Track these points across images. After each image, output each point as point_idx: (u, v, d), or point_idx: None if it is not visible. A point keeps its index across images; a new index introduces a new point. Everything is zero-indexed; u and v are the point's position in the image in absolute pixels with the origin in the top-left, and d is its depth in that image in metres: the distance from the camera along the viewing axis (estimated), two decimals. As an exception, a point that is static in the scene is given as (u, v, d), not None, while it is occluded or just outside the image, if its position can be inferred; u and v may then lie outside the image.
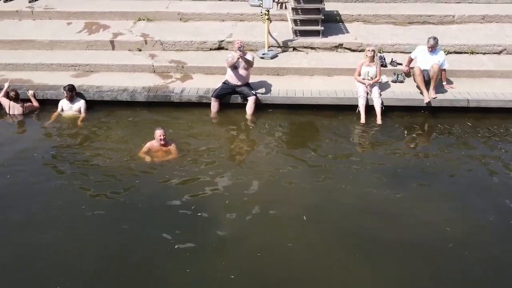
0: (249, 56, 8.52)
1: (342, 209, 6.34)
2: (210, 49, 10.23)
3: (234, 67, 8.51)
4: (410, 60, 9.08)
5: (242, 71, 8.56)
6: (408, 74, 9.26)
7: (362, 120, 8.43)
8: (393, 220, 6.15)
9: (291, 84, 9.25)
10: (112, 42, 10.26)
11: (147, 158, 7.39)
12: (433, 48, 8.72)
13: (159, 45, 10.23)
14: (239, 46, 8.30)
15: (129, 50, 10.27)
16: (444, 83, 8.89)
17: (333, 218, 6.19)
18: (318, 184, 6.82)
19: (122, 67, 9.74)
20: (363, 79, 8.73)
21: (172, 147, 7.57)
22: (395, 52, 10.02)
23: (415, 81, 8.79)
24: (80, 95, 8.82)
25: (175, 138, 7.94)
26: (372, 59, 8.65)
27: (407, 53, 9.94)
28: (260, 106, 8.78)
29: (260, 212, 6.27)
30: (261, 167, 7.27)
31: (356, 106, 8.62)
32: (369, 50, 8.60)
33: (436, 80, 8.61)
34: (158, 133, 7.44)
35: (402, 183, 6.84)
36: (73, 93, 8.63)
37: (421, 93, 8.63)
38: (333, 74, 9.55)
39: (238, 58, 8.32)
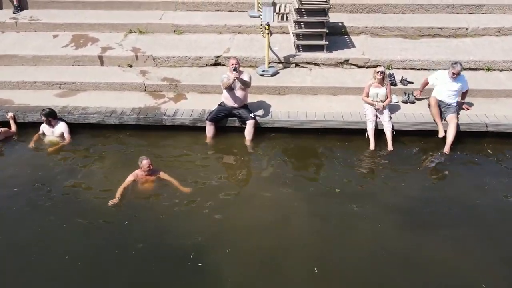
0: (245, 76, 7.80)
1: (357, 258, 5.66)
2: (206, 65, 9.52)
3: (230, 88, 7.80)
4: (426, 84, 8.27)
5: (238, 92, 7.84)
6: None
7: (372, 146, 7.71)
8: (414, 270, 5.45)
9: (294, 104, 8.54)
10: (100, 57, 9.53)
11: (116, 197, 6.63)
12: (458, 75, 7.88)
13: (151, 60, 9.51)
14: (234, 66, 7.58)
15: (118, 66, 9.55)
16: (463, 104, 8.03)
17: (347, 269, 5.50)
18: (328, 226, 6.12)
19: (111, 85, 9.02)
20: (373, 100, 8.00)
21: (162, 175, 6.90)
22: (405, 69, 9.30)
23: (430, 111, 8.01)
24: (60, 118, 8.08)
25: (167, 165, 7.26)
26: (381, 81, 7.92)
27: (418, 69, 9.28)
28: (260, 130, 8.07)
29: (265, 262, 5.63)
30: (262, 203, 6.59)
31: (364, 130, 7.90)
32: (378, 72, 7.87)
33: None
34: (146, 163, 6.76)
35: (421, 224, 6.17)
36: (51, 118, 7.90)
37: (436, 124, 7.87)
38: (339, 93, 8.84)
39: (234, 80, 7.59)
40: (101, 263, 5.64)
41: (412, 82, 8.84)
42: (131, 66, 9.52)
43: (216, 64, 9.51)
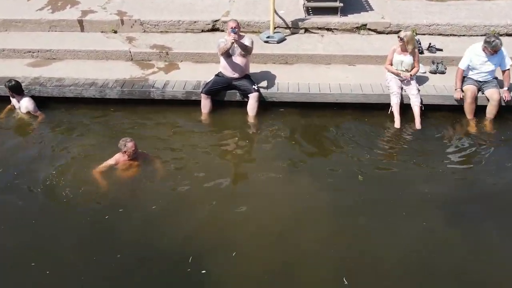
0: (246, 41, 6.58)
1: (395, 262, 4.51)
2: (202, 31, 8.28)
3: (228, 55, 6.58)
4: (461, 74, 6.74)
5: (238, 60, 6.63)
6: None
7: (397, 123, 6.52)
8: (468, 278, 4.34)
9: (304, 75, 7.33)
10: (80, 21, 8.29)
11: (102, 183, 5.51)
12: (496, 52, 6.51)
13: (138, 25, 8.27)
14: (233, 28, 6.36)
15: (101, 32, 8.32)
16: (505, 88, 6.68)
17: (386, 277, 4.35)
18: (353, 222, 4.96)
19: (92, 53, 7.79)
20: (397, 69, 6.79)
21: (148, 160, 5.76)
22: (432, 35, 8.07)
23: (464, 103, 6.70)
24: (26, 93, 6.90)
25: (156, 147, 6.12)
26: (404, 48, 6.69)
27: (447, 35, 8.05)
28: (264, 105, 6.88)
29: (279, 269, 4.46)
30: (272, 193, 5.42)
31: (387, 105, 6.71)
32: (399, 38, 6.62)
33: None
34: (131, 146, 5.59)
35: (464, 216, 5.02)
36: (14, 93, 6.73)
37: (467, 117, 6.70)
38: (356, 63, 7.62)
39: (232, 43, 6.38)
40: (76, 269, 4.49)
41: (441, 50, 7.62)
42: (115, 32, 8.28)
43: (214, 29, 8.28)
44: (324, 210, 5.11)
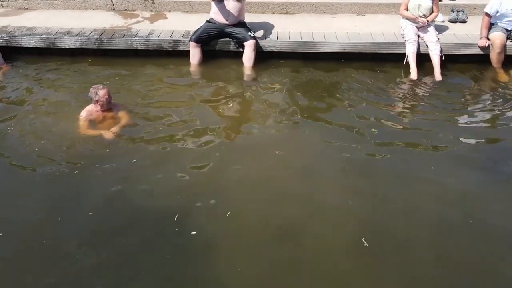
0: None
1: (416, 226, 3.69)
2: (193, -21, 7.40)
3: None
4: (488, 21, 5.88)
5: (231, 4, 5.79)
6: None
7: (413, 75, 5.71)
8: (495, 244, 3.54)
9: (306, 26, 6.50)
10: (57, -31, 7.40)
11: (107, 134, 4.71)
12: None
13: (122, -28, 7.38)
14: None
15: (81, -19, 7.43)
16: None
17: (406, 242, 3.55)
18: (367, 183, 4.09)
19: (69, 2, 6.95)
20: (413, 15, 5.95)
21: (122, 113, 4.95)
22: (450, -18, 7.19)
23: (490, 53, 5.88)
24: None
25: (138, 102, 5.31)
26: (424, -13, 5.86)
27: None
28: (263, 55, 6.05)
29: (282, 230, 3.64)
30: (271, 149, 4.56)
31: (402, 55, 5.88)
32: None
33: None
34: (103, 93, 4.78)
35: (500, 182, 4.16)
36: None
37: (495, 70, 5.87)
38: (365, 12, 6.79)
39: None
40: (52, 233, 3.66)
41: (461, -4, 6.78)
42: (96, -21, 7.40)
43: (206, -23, 7.40)
44: (336, 167, 4.27)
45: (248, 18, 6.26)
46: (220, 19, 5.86)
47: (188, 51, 6.00)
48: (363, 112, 5.09)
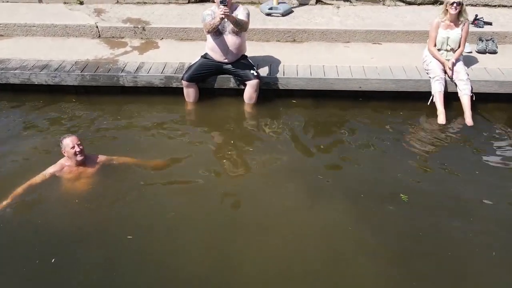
0: (240, 13, 4.97)
1: None
2: (189, 1, 6.71)
3: (217, 33, 4.98)
4: None
5: (230, 39, 5.02)
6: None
7: (441, 119, 4.96)
8: None
9: (316, 56, 5.75)
10: (37, -10, 6.67)
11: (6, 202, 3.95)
12: None
13: (110, -6, 6.66)
14: None
15: (64, 3, 6.72)
16: None
17: None
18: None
19: (49, 28, 6.19)
20: (440, 50, 5.20)
21: (102, 160, 4.23)
22: (475, 5, 6.49)
23: None
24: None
25: (126, 148, 4.58)
26: (457, 17, 5.10)
27: (494, 6, 6.47)
28: (267, 93, 5.31)
29: None
30: (279, 215, 3.86)
31: (427, 93, 5.15)
32: (452, 4, 5.01)
33: None
34: (66, 142, 4.07)
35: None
36: None
37: None
38: (382, 40, 6.04)
39: (222, 18, 4.76)
40: None
41: (490, 23, 6.05)
42: (81, 3, 6.69)
43: (204, 0, 6.66)
44: (365, 250, 3.53)
45: (250, 48, 5.52)
46: (217, 56, 5.10)
47: (182, 88, 5.25)
48: (387, 169, 4.33)
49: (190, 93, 5.22)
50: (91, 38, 6.16)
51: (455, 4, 4.98)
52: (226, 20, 4.81)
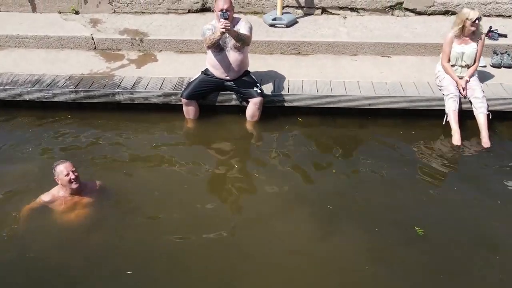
0: (242, 27, 4.68)
1: None
2: (189, 11, 6.41)
3: (219, 48, 4.70)
4: None
5: (232, 55, 4.74)
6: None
7: (455, 139, 4.67)
8: None
9: (322, 70, 5.47)
10: (31, -1, 6.40)
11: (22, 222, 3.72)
12: None
13: (106, 4, 6.38)
14: (224, 10, 4.46)
15: (59, 13, 6.46)
16: None
17: None
18: None
19: (43, 40, 5.92)
20: (455, 66, 4.92)
21: (98, 187, 3.95)
22: (489, 16, 6.19)
23: None
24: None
25: (122, 171, 4.34)
26: (471, 34, 4.81)
27: (508, 17, 6.16)
28: (270, 110, 5.03)
29: None
30: (281, 244, 3.60)
31: (440, 111, 4.86)
32: (474, 22, 4.70)
33: None
34: (60, 169, 3.78)
35: None
36: None
37: None
38: (391, 53, 5.76)
39: (223, 33, 4.46)
40: None
41: (505, 35, 5.77)
42: (77, 12, 6.40)
43: (204, 9, 6.42)
44: (366, 272, 3.27)
45: (253, 61, 5.24)
46: (218, 73, 4.82)
47: (181, 104, 4.97)
48: (399, 197, 4.06)
49: (190, 110, 4.95)
50: (86, 50, 5.89)
51: (477, 21, 4.69)
52: (227, 35, 4.52)
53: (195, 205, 3.98)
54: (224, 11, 4.44)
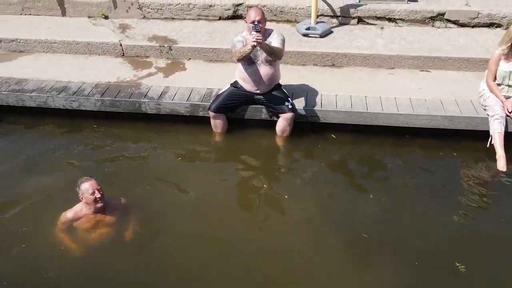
0: (274, 40, 4.45)
1: None
2: (220, 18, 6.22)
3: (249, 61, 4.48)
4: None
5: (263, 69, 4.51)
6: None
7: (501, 164, 4.33)
8: None
9: (357, 84, 5.20)
10: (61, 2, 6.35)
11: (74, 247, 3.59)
12: None
13: (136, 9, 6.25)
14: (256, 22, 4.24)
15: (88, 17, 6.35)
16: None
17: None
18: None
19: (71, 46, 5.83)
20: (502, 85, 4.59)
21: (123, 216, 3.77)
22: (537, 30, 5.78)
23: None
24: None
25: (148, 185, 4.21)
26: (523, 48, 4.50)
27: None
28: (301, 125, 4.80)
29: None
30: (307, 262, 3.37)
31: (485, 132, 4.54)
32: None
33: None
34: (85, 187, 3.61)
35: None
36: None
37: None
38: (431, 67, 5.45)
39: (254, 46, 4.23)
40: None
41: (555, 52, 5.36)
42: (106, 17, 6.29)
43: (236, 16, 6.22)
44: None
45: (284, 72, 5.02)
46: (248, 87, 4.61)
47: (209, 117, 4.78)
48: (439, 227, 3.77)
49: (217, 124, 4.75)
50: (114, 56, 5.77)
51: (523, 35, 4.38)
52: (258, 48, 4.30)
53: (221, 227, 3.80)
54: (256, 23, 4.22)
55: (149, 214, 3.88)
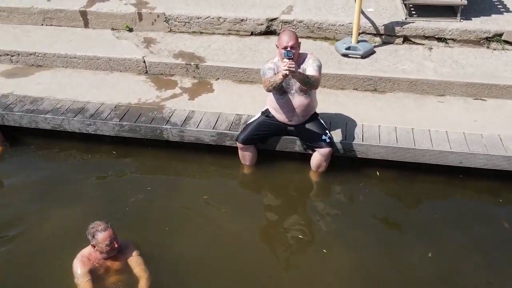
0: (309, 66, 3.92)
1: None
2: (252, 33, 5.73)
3: (281, 91, 3.97)
4: None
5: (297, 99, 4.00)
6: None
7: None
8: None
9: (403, 113, 4.65)
10: (84, 13, 5.94)
11: None
12: None
13: (162, 22, 5.83)
14: (288, 48, 3.72)
15: (112, 29, 5.95)
16: None
17: None
18: None
19: (92, 61, 5.44)
20: None
21: (134, 258, 3.34)
22: None
23: None
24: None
25: (165, 227, 3.75)
26: None
27: None
28: (338, 159, 4.28)
29: None
30: None
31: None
32: None
33: None
34: (102, 238, 3.21)
35: None
36: None
37: None
38: (486, 95, 4.86)
39: (286, 75, 3.72)
40: None
41: None
42: (130, 30, 5.89)
43: (269, 32, 5.72)
44: None
45: (321, 97, 4.52)
46: (280, 117, 4.11)
47: (237, 147, 4.31)
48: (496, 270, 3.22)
49: (246, 156, 4.28)
50: (136, 74, 5.36)
51: None
52: (291, 77, 3.79)
53: (246, 276, 3.33)
54: (289, 49, 3.71)
55: (165, 259, 3.46)
